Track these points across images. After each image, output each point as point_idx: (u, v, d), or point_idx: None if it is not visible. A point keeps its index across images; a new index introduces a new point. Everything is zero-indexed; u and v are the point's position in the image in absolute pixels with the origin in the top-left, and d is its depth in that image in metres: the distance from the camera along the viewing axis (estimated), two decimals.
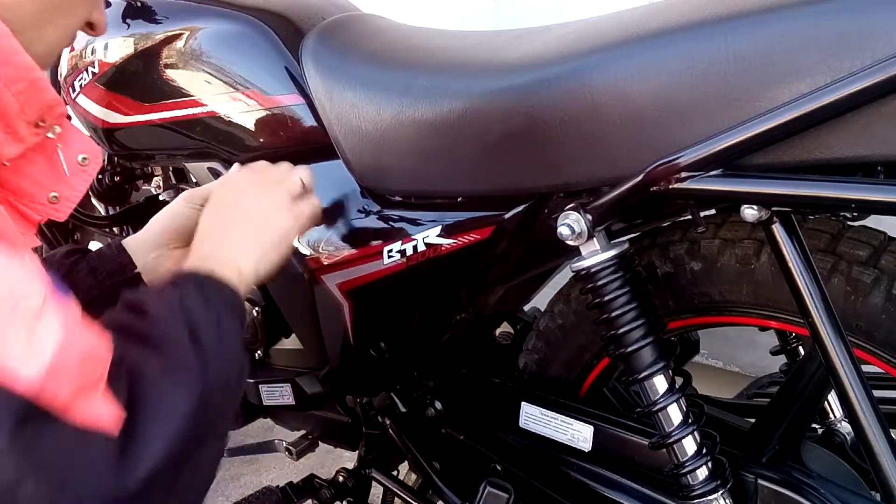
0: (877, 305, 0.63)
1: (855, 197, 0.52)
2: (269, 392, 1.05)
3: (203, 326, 0.57)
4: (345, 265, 0.87)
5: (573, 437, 0.82)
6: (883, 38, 0.49)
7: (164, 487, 0.50)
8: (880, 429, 0.58)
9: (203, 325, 0.57)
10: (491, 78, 0.69)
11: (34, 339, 0.44)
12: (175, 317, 0.57)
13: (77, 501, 0.45)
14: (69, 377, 0.46)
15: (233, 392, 0.58)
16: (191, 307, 0.57)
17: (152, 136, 1.00)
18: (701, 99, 0.57)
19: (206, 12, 0.92)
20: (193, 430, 0.51)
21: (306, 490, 1.09)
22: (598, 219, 0.66)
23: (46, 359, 0.44)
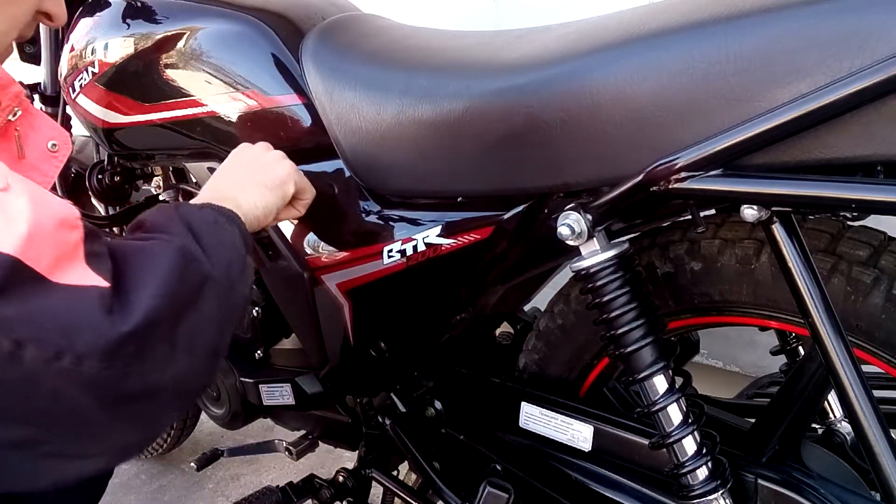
0: (877, 305, 0.63)
1: (855, 197, 0.51)
2: (269, 392, 1.05)
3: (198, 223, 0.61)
4: (345, 265, 0.87)
5: (573, 436, 0.82)
6: (883, 38, 0.49)
7: (162, 337, 0.52)
8: (880, 429, 0.58)
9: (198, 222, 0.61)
10: (491, 78, 0.69)
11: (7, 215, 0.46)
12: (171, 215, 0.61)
13: (79, 351, 0.47)
14: (47, 244, 0.48)
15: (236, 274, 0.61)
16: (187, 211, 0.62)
17: (152, 136, 1.00)
18: (701, 99, 0.57)
19: (206, 12, 0.92)
20: (182, 284, 0.54)
21: (306, 490, 1.09)
22: (598, 219, 0.66)
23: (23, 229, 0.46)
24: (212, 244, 0.60)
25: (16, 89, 0.58)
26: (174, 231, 0.60)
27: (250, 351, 1.07)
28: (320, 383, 1.02)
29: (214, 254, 0.60)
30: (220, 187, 0.75)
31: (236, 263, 0.62)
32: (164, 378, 0.53)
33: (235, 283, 0.61)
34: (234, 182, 0.75)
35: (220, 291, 0.59)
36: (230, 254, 0.62)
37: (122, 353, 0.49)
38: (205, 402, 1.15)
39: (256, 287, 1.03)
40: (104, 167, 1.21)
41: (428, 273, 0.83)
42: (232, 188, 0.74)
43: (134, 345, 0.50)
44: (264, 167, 0.77)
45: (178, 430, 1.61)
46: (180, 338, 0.54)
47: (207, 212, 0.64)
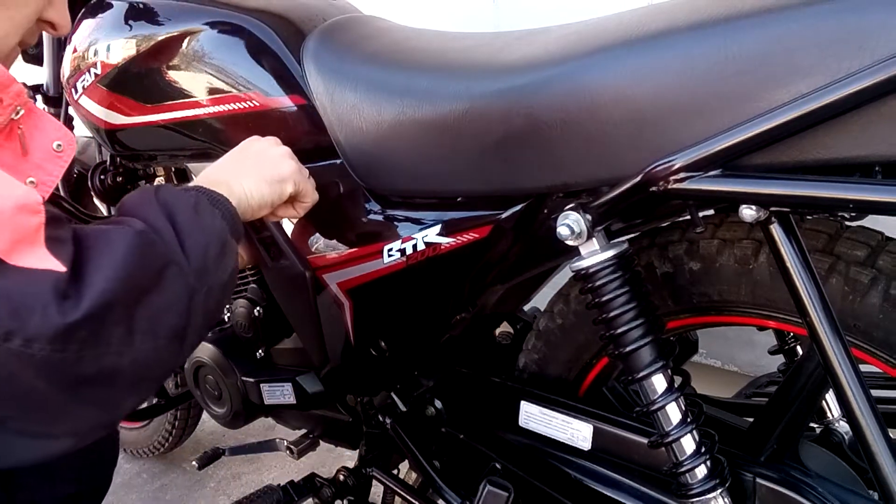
0: (874, 305, 0.63)
1: (853, 197, 0.52)
2: (270, 391, 1.06)
3: (176, 205, 0.61)
4: (345, 264, 0.87)
5: (573, 436, 0.82)
6: (883, 38, 0.49)
7: (117, 321, 0.53)
8: (878, 428, 0.58)
9: (177, 204, 0.61)
10: (491, 79, 0.70)
11: None
12: (149, 198, 0.62)
13: (29, 334, 0.48)
14: (5, 227, 0.48)
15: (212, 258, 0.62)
16: (166, 194, 0.62)
17: (154, 137, 1.00)
18: (700, 99, 0.57)
19: (207, 14, 0.92)
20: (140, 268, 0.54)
21: (307, 489, 1.10)
22: (597, 219, 0.66)
23: None
24: (187, 227, 0.61)
25: (17, 88, 0.59)
26: (147, 214, 0.60)
27: (251, 350, 1.08)
28: (321, 382, 1.02)
29: (189, 237, 0.60)
30: (217, 172, 0.75)
31: (213, 247, 0.62)
32: (121, 362, 0.54)
33: (210, 267, 0.61)
34: (233, 169, 0.75)
35: (188, 275, 0.59)
36: (207, 238, 0.62)
37: (75, 336, 0.50)
38: (206, 400, 1.15)
39: (257, 286, 1.04)
40: (106, 168, 1.21)
41: (428, 272, 0.83)
42: (228, 174, 0.74)
43: (87, 329, 0.50)
44: (267, 160, 0.77)
45: (179, 429, 1.61)
46: (139, 321, 0.54)
47: (190, 194, 0.65)
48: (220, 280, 0.63)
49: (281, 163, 0.78)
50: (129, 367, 0.55)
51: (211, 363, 1.09)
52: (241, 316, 1.05)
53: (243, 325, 1.05)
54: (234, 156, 0.78)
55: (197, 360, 1.11)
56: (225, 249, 0.64)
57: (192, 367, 1.13)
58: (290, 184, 0.78)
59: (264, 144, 0.80)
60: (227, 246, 0.65)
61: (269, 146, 0.80)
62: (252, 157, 0.78)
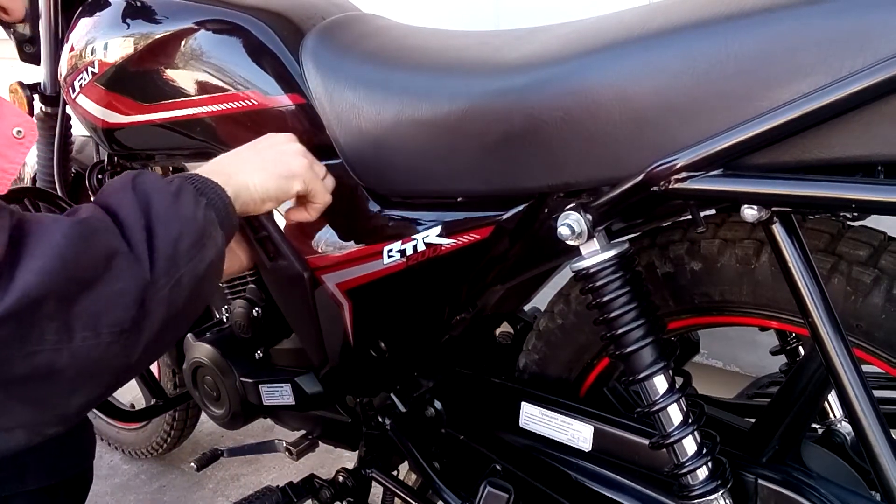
0: (877, 305, 0.63)
1: (855, 197, 0.51)
2: (269, 392, 1.05)
3: (153, 191, 0.58)
4: (345, 265, 0.87)
5: (573, 436, 0.82)
6: (883, 38, 0.49)
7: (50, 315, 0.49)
8: (880, 429, 0.58)
9: (155, 190, 0.59)
10: (491, 78, 0.69)
11: None
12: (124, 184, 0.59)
13: None
14: None
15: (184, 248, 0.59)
16: (146, 180, 0.60)
17: (152, 136, 1.00)
18: (701, 99, 0.57)
19: (205, 12, 0.91)
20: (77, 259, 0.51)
21: (306, 490, 1.09)
22: (598, 219, 0.66)
23: None
24: (162, 214, 0.58)
25: None
26: (118, 200, 0.58)
27: (250, 351, 1.07)
28: (320, 383, 1.02)
29: (161, 225, 0.57)
30: (221, 161, 0.73)
31: (188, 236, 0.59)
32: (58, 359, 0.51)
33: (180, 257, 0.58)
34: (238, 160, 0.73)
35: (142, 265, 0.55)
36: (182, 226, 0.59)
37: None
38: (205, 401, 1.15)
39: (256, 287, 1.03)
40: (104, 167, 1.21)
41: (428, 273, 0.83)
42: (232, 164, 0.72)
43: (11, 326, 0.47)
44: (278, 154, 0.75)
45: (178, 430, 1.61)
46: (78, 316, 0.51)
47: (175, 182, 0.62)
48: (192, 272, 0.59)
49: (292, 159, 0.75)
50: (69, 365, 0.51)
51: (209, 364, 1.09)
52: (239, 316, 1.04)
53: (242, 326, 1.05)
54: (244, 148, 0.77)
55: (195, 361, 1.11)
56: (203, 240, 0.61)
57: (191, 368, 1.13)
58: (298, 181, 0.75)
59: (278, 139, 0.78)
60: (207, 236, 0.61)
61: (282, 141, 0.78)
62: (262, 150, 0.76)
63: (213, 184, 0.66)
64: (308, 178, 0.76)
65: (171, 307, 0.58)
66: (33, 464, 0.78)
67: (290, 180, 0.75)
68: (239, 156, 0.75)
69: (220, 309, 1.14)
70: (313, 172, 0.77)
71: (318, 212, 0.81)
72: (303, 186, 0.76)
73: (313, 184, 0.77)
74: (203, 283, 0.61)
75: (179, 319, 0.60)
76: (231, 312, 1.07)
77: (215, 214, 0.64)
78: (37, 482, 0.78)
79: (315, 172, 0.78)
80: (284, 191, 0.74)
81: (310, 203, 0.80)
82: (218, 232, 0.64)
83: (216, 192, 0.66)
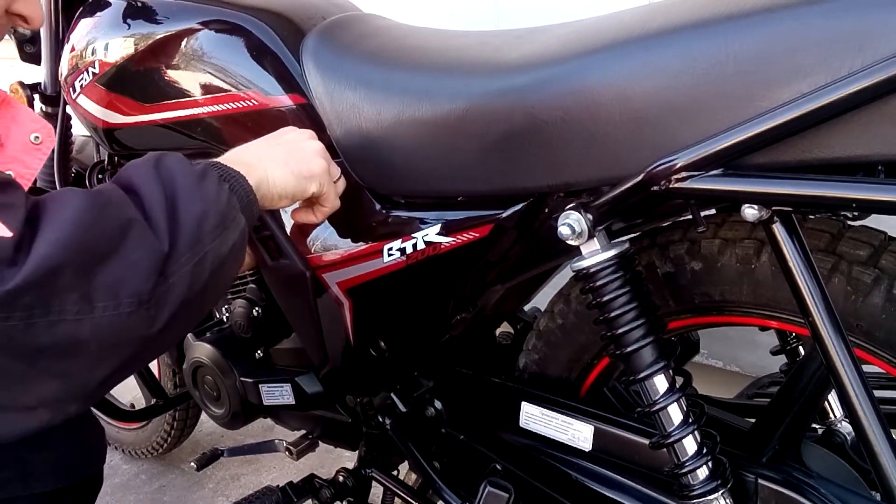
0: (877, 305, 0.63)
1: (855, 196, 0.51)
2: (269, 392, 1.05)
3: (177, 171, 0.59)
4: (345, 263, 0.87)
5: (573, 436, 0.82)
6: (883, 37, 0.49)
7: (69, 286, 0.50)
8: (881, 429, 0.58)
9: (179, 171, 0.60)
10: (491, 78, 0.69)
11: None
12: (148, 160, 0.60)
13: None
14: None
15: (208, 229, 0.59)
16: (173, 161, 0.61)
17: (153, 137, 1.00)
18: (701, 99, 0.57)
19: (206, 12, 0.92)
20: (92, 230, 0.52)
21: (306, 490, 1.09)
22: (598, 218, 0.66)
23: None
24: (185, 193, 0.59)
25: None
26: (139, 177, 0.58)
27: (250, 350, 1.07)
28: (320, 383, 1.02)
29: (185, 202, 0.58)
30: (243, 153, 0.72)
31: (212, 217, 0.60)
32: (81, 330, 0.51)
33: (205, 236, 0.59)
34: (261, 153, 0.73)
35: (160, 238, 0.56)
36: (206, 206, 0.59)
37: (18, 303, 0.48)
38: (205, 401, 1.15)
39: (256, 286, 1.03)
40: (104, 167, 1.21)
41: (428, 271, 0.83)
42: (254, 156, 0.71)
43: (31, 295, 0.48)
44: (299, 152, 0.74)
45: (178, 430, 1.61)
46: (98, 287, 0.52)
47: (201, 165, 0.63)
48: (216, 252, 0.60)
49: (312, 158, 0.74)
50: (91, 336, 0.52)
51: (209, 363, 1.09)
52: (239, 316, 1.04)
53: (242, 326, 1.05)
54: (266, 140, 0.76)
55: (195, 361, 1.11)
56: (226, 222, 0.61)
57: (191, 368, 1.13)
58: (315, 182, 0.74)
59: (300, 136, 0.77)
60: (230, 219, 0.62)
61: (304, 138, 0.77)
62: (284, 144, 0.75)
63: (236, 172, 0.66)
64: (324, 181, 0.76)
65: (193, 283, 0.58)
66: (40, 465, 0.77)
67: (309, 181, 0.74)
68: (260, 149, 0.74)
69: (220, 309, 1.14)
70: (329, 175, 0.77)
71: (324, 216, 0.80)
72: (318, 188, 0.75)
73: (327, 187, 0.76)
74: (225, 265, 0.62)
75: (202, 298, 0.60)
76: (231, 312, 1.06)
77: (238, 200, 0.64)
78: (43, 486, 0.78)
79: (331, 175, 0.77)
80: (302, 190, 0.74)
81: (318, 206, 0.79)
82: (240, 217, 0.64)
83: (238, 181, 0.66)
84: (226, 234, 0.61)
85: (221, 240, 0.61)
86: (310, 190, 0.74)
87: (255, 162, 0.70)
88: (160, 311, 0.56)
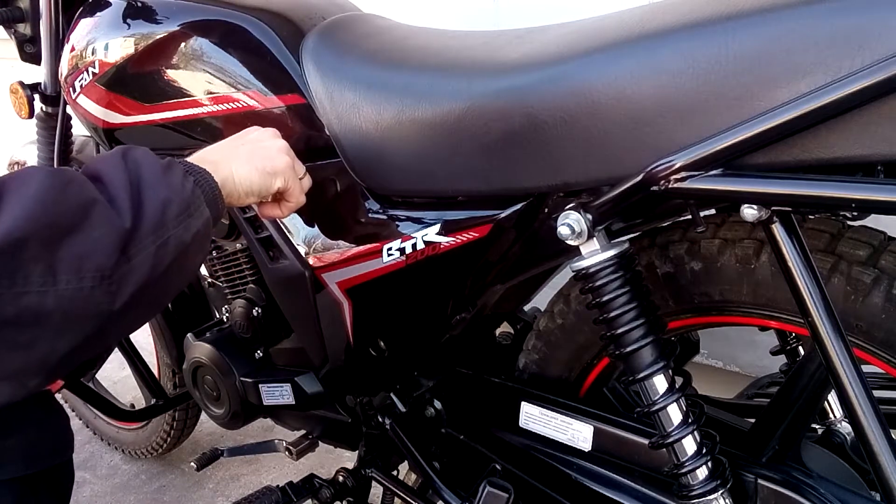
0: (877, 305, 0.63)
1: (855, 196, 0.51)
2: (268, 392, 1.05)
3: (143, 162, 0.62)
4: (345, 263, 0.87)
5: (573, 436, 0.82)
6: (883, 37, 0.49)
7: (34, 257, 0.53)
8: (880, 429, 0.58)
9: (144, 161, 0.62)
10: (491, 78, 0.69)
11: None
12: (115, 153, 0.63)
13: None
14: None
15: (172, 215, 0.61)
16: (140, 154, 0.63)
17: (153, 136, 1.00)
18: (701, 99, 0.57)
19: (206, 12, 0.92)
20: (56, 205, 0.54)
21: (306, 490, 1.09)
22: (598, 218, 0.66)
23: None
24: (151, 180, 0.61)
25: None
26: (105, 164, 0.61)
27: (250, 350, 1.07)
28: (320, 383, 1.02)
29: (150, 188, 0.61)
30: (208, 152, 0.75)
31: (176, 205, 0.62)
32: (45, 301, 0.53)
33: (168, 221, 0.61)
34: (225, 152, 0.75)
35: (122, 217, 0.58)
36: (170, 194, 0.62)
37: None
38: (205, 401, 1.15)
39: (256, 286, 1.03)
40: None
41: (427, 271, 0.83)
42: (218, 155, 0.74)
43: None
44: (262, 150, 0.76)
45: (177, 430, 1.61)
46: (61, 260, 0.54)
47: (168, 160, 0.65)
48: (179, 237, 0.62)
49: (276, 155, 0.77)
50: (55, 308, 0.54)
51: (209, 364, 1.09)
52: (239, 316, 1.04)
53: (242, 326, 1.05)
54: (230, 140, 0.78)
55: (195, 361, 1.11)
56: (190, 210, 0.63)
57: (191, 368, 1.13)
58: (279, 178, 0.77)
59: (263, 135, 0.79)
60: (195, 208, 0.64)
61: (267, 136, 0.79)
62: (248, 143, 0.77)
63: (202, 169, 0.68)
64: (289, 177, 0.78)
65: (156, 265, 0.60)
66: (10, 449, 0.79)
67: (273, 177, 0.76)
68: (224, 148, 0.76)
69: (220, 309, 1.14)
70: (294, 171, 0.79)
71: (290, 210, 0.82)
72: (283, 184, 0.77)
73: (292, 182, 0.79)
74: (188, 252, 0.64)
75: (164, 282, 0.62)
76: (231, 312, 1.07)
77: (202, 193, 0.66)
78: (13, 470, 0.79)
79: (295, 171, 0.79)
80: (266, 186, 0.76)
81: (284, 201, 0.80)
82: (205, 208, 0.66)
83: (204, 177, 0.68)
84: (189, 221, 0.63)
85: (185, 227, 0.63)
86: (275, 186, 0.76)
87: (220, 160, 0.72)
88: (122, 288, 0.58)
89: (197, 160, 0.71)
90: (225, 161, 0.73)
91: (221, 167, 0.71)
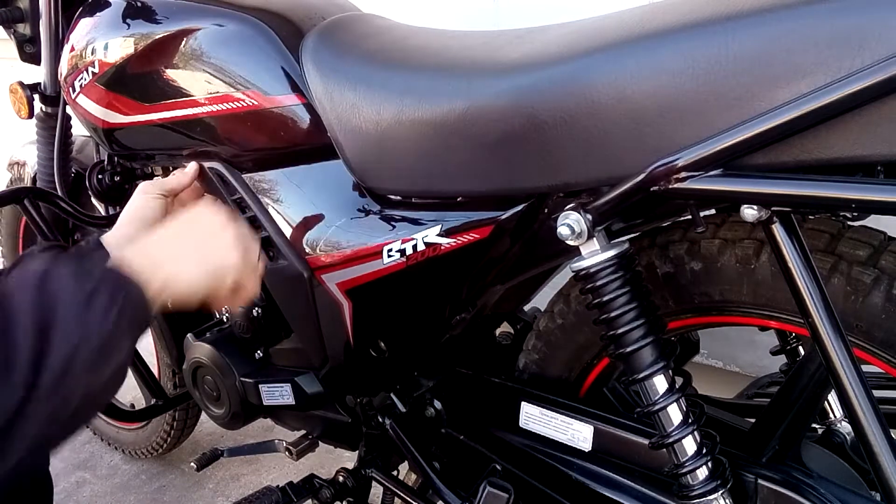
0: (876, 305, 0.63)
1: (855, 197, 0.51)
2: (268, 392, 1.05)
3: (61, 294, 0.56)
4: (345, 264, 0.87)
5: (573, 436, 0.82)
6: (883, 38, 0.49)
7: None
8: (880, 429, 0.58)
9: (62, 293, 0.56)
10: (491, 78, 0.69)
11: None
12: (31, 280, 0.57)
13: None
14: None
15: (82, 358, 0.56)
16: (56, 283, 0.57)
17: (152, 136, 1.00)
18: (701, 99, 0.57)
19: (205, 12, 0.91)
20: None
21: (306, 490, 1.09)
22: (598, 219, 0.66)
23: None
24: (64, 319, 0.55)
25: None
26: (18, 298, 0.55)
27: (250, 351, 1.07)
28: (320, 383, 1.02)
29: (60, 335, 0.55)
30: (153, 244, 0.70)
31: (88, 350, 0.56)
32: None
33: (74, 372, 0.55)
34: (170, 248, 0.70)
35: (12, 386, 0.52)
36: (83, 334, 0.56)
37: None
38: (205, 401, 1.15)
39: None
40: (104, 167, 1.21)
41: (428, 272, 0.83)
42: (162, 252, 0.69)
43: None
44: (213, 247, 0.72)
45: (178, 430, 1.61)
46: None
47: (90, 284, 0.58)
48: (87, 386, 0.57)
49: (227, 252, 0.72)
50: None
51: (209, 364, 1.09)
52: (239, 316, 1.04)
53: (242, 326, 1.05)
54: (178, 231, 0.73)
55: (195, 361, 1.11)
56: (105, 350, 0.57)
57: (191, 368, 1.13)
58: (230, 276, 0.72)
59: (214, 224, 0.73)
60: (112, 346, 0.58)
61: (218, 228, 0.73)
62: (196, 237, 0.72)
63: (134, 286, 0.62)
64: (240, 272, 0.73)
65: (54, 418, 0.56)
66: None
67: (223, 276, 0.71)
68: (172, 243, 0.71)
69: (221, 309, 1.14)
70: (246, 264, 0.74)
71: (243, 301, 0.77)
72: (234, 280, 0.73)
73: (245, 278, 0.74)
74: (95, 400, 0.59)
75: (67, 425, 0.58)
76: (231, 312, 1.07)
77: (127, 323, 0.60)
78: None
79: (249, 263, 0.74)
80: (215, 287, 0.71)
81: (236, 293, 0.75)
82: (125, 341, 0.60)
83: (132, 297, 0.61)
84: (103, 366, 0.58)
85: (96, 374, 0.58)
86: (225, 283, 0.72)
87: (163, 260, 0.67)
88: (15, 444, 0.53)
89: (141, 256, 0.65)
90: (170, 261, 0.67)
91: (163, 269, 0.66)
